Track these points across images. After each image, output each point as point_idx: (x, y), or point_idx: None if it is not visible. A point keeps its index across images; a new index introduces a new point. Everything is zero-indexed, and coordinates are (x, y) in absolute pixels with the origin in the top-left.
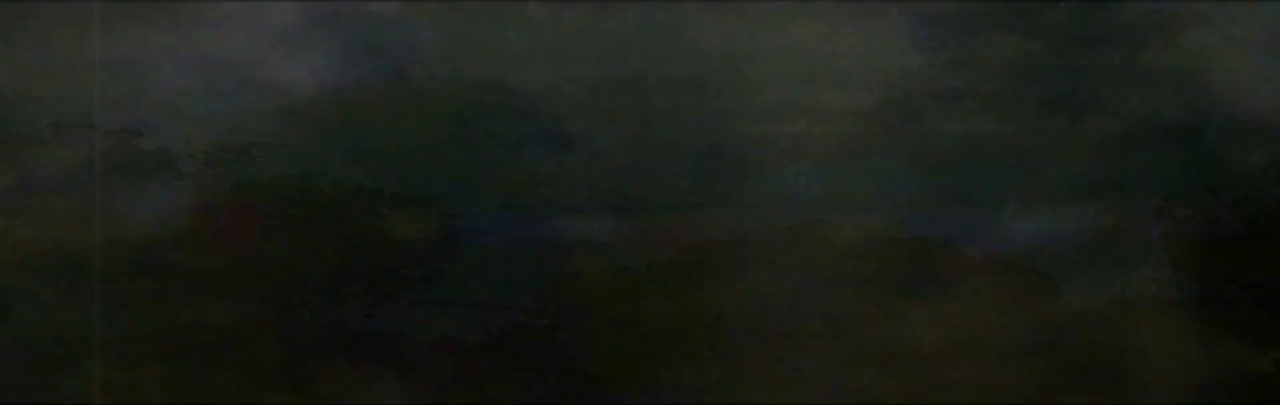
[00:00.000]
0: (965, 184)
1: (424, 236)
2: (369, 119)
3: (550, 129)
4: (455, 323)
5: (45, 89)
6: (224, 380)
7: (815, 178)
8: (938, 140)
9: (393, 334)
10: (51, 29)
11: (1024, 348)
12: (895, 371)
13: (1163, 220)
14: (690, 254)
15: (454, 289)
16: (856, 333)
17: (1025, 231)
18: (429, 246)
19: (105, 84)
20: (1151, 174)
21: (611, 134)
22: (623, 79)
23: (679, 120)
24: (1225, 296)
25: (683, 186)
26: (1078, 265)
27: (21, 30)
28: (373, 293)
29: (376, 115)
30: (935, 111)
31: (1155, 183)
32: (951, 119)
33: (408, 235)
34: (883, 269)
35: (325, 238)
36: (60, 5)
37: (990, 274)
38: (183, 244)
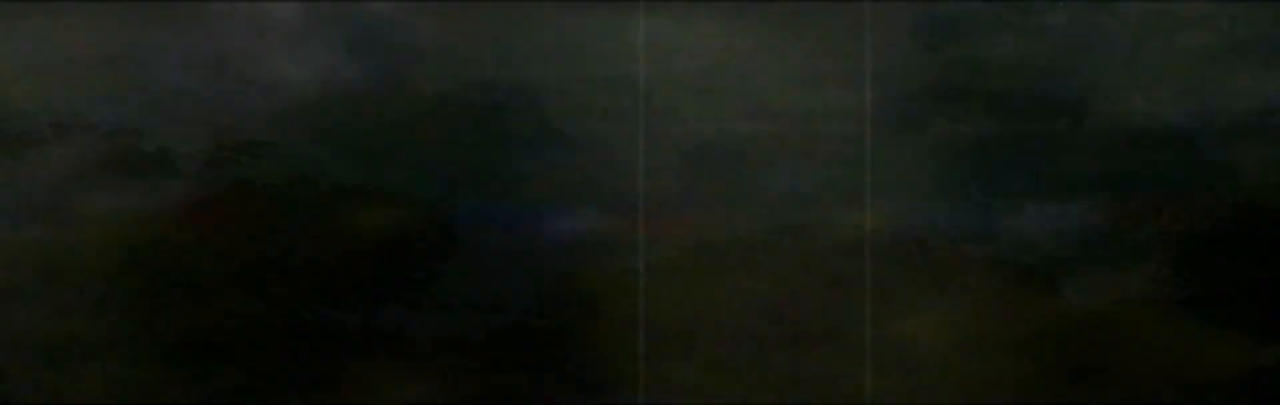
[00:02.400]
0: (965, 183)
1: (424, 236)
2: (369, 118)
3: (550, 129)
4: (455, 323)
5: (45, 89)
6: (224, 380)
7: (815, 178)
8: (938, 141)
9: (393, 334)
10: (51, 29)
11: (1025, 347)
12: (895, 371)
13: (1161, 219)
14: (690, 254)
15: (454, 289)
16: (857, 333)
17: (1025, 231)
18: (429, 246)
19: (104, 83)
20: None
21: (611, 134)
22: (623, 79)
23: (678, 120)
24: (1224, 295)
25: (682, 186)
26: (1078, 265)
27: (21, 30)
28: (373, 293)
29: (377, 115)
30: (936, 112)
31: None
32: (952, 120)
33: (407, 235)
34: (883, 269)
35: (324, 238)
36: (60, 5)
37: (990, 274)
38: (180, 244)
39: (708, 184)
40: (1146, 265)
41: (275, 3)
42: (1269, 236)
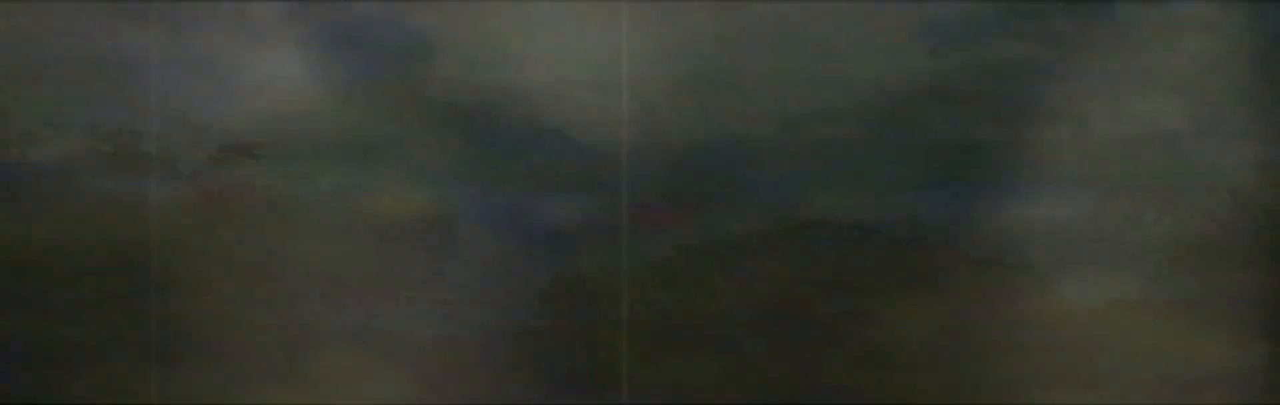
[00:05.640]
0: (965, 184)
1: (424, 236)
2: (368, 119)
3: (551, 130)
4: (456, 323)
5: (44, 89)
6: (223, 380)
7: (814, 178)
8: (939, 143)
9: (393, 334)
10: (51, 29)
11: (1024, 347)
12: (893, 370)
13: (1162, 220)
14: (690, 254)
15: (454, 289)
16: (857, 333)
17: (1023, 231)
18: (428, 246)
19: (103, 84)
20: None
21: (612, 135)
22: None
23: (678, 120)
24: (1221, 296)
25: (682, 187)
26: (1077, 265)
27: (21, 30)
28: (373, 293)
29: (376, 115)
30: (937, 114)
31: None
32: (953, 122)
33: (407, 235)
34: (882, 270)
35: (324, 238)
36: (62, 5)
37: (991, 274)
38: (180, 244)
39: (700, 184)
40: (1144, 265)
41: (272, 3)
42: (1267, 237)
